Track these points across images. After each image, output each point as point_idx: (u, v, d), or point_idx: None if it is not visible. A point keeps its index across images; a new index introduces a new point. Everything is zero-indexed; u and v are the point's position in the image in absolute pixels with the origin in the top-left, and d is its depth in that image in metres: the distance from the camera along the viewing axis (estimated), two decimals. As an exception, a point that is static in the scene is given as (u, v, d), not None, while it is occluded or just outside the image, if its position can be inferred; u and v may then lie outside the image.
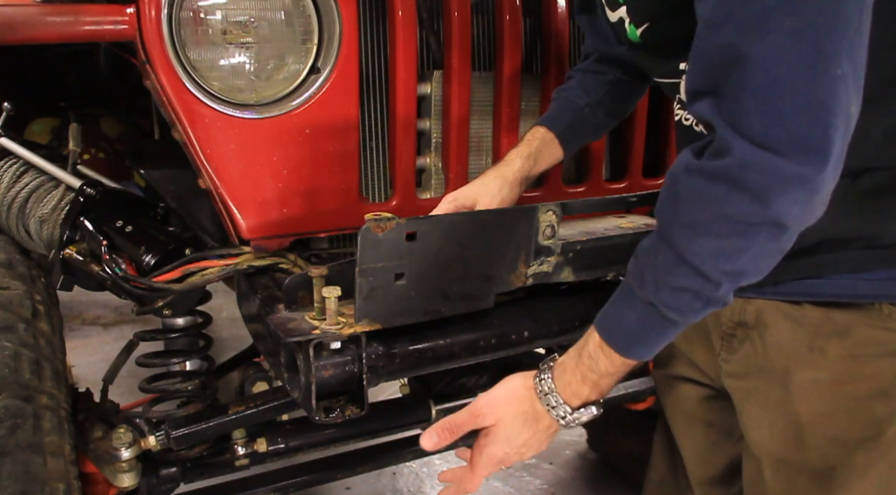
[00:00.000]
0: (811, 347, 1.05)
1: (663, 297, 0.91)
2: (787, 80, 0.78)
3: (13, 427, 1.23)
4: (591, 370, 1.01)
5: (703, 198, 0.85)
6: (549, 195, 1.64)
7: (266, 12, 1.30)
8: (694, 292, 0.89)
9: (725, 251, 0.85)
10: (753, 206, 0.81)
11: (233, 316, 1.79)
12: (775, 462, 1.11)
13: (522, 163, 1.36)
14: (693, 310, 0.91)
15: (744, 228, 0.83)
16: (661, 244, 0.90)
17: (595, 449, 2.86)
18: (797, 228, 0.85)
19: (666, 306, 0.91)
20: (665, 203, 0.90)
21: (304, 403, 1.17)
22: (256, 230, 1.38)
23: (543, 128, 1.40)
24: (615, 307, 0.99)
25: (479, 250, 1.18)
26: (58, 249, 1.49)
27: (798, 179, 0.80)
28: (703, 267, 0.87)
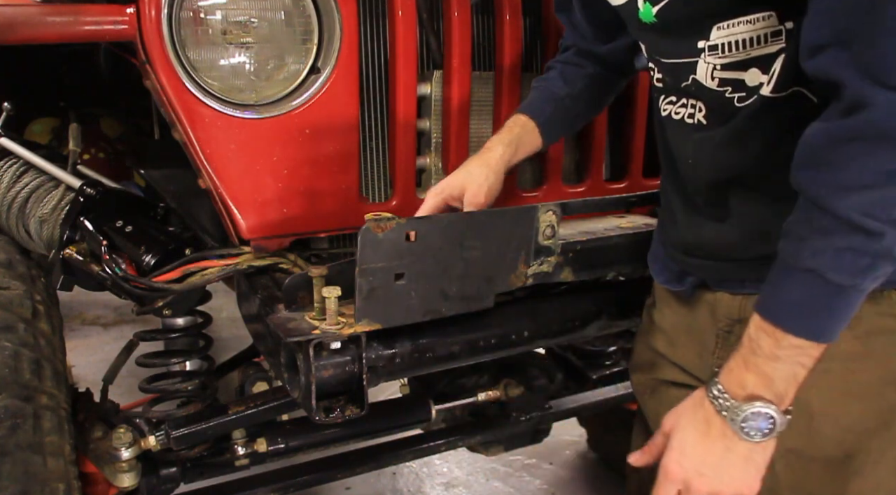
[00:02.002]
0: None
1: (825, 260, 0.86)
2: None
3: (13, 427, 1.23)
4: (753, 353, 0.93)
5: (851, 158, 0.83)
6: (549, 195, 1.64)
7: (266, 12, 1.30)
8: (856, 250, 0.85)
9: (886, 202, 0.83)
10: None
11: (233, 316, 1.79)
12: (785, 453, 1.09)
13: (504, 149, 1.35)
14: (859, 270, 0.86)
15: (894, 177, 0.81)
16: (812, 212, 0.87)
17: (595, 449, 2.86)
18: None
19: (829, 269, 0.86)
20: (808, 170, 0.88)
21: (304, 403, 1.17)
22: (256, 230, 1.38)
23: (524, 116, 1.39)
24: (772, 284, 0.92)
25: (479, 250, 1.18)
26: (58, 249, 1.49)
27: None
28: (863, 222, 0.84)
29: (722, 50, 0.99)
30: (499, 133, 1.39)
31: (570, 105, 1.40)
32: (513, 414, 1.84)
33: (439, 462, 2.81)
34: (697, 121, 1.10)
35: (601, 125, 1.68)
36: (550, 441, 2.10)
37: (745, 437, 0.95)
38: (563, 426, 2.59)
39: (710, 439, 0.97)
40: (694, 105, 1.10)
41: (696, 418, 0.99)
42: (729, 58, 0.99)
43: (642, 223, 1.46)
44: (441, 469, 2.79)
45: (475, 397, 1.82)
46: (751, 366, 0.93)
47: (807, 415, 1.07)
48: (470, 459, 2.80)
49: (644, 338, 1.39)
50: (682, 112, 1.13)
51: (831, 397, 1.05)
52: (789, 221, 0.91)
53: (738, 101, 1.02)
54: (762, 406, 0.93)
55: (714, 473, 0.97)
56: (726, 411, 0.95)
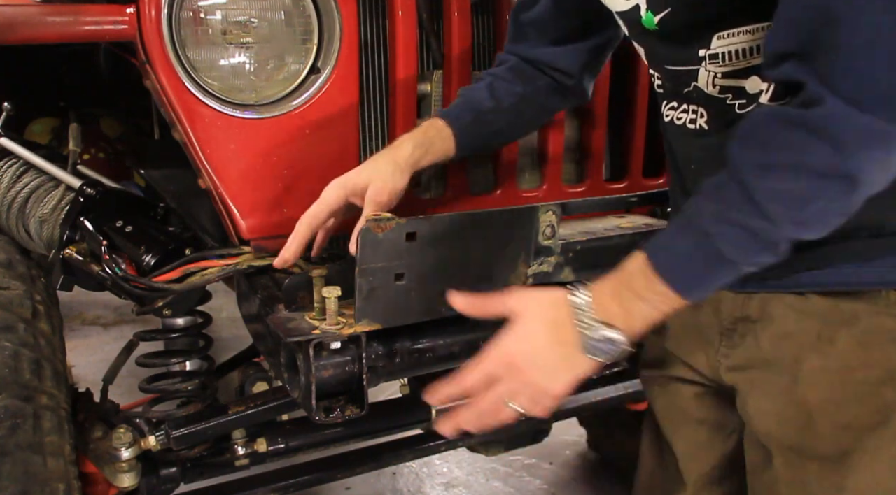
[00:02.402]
0: (819, 336, 1.06)
1: (722, 229, 0.89)
2: (876, 40, 0.80)
3: (13, 427, 1.23)
4: (625, 286, 0.96)
5: (784, 141, 0.86)
6: (549, 195, 1.64)
7: (266, 12, 1.30)
8: (753, 232, 0.88)
9: (795, 196, 0.86)
10: (833, 157, 0.83)
11: (233, 316, 1.79)
12: (784, 450, 1.12)
13: (413, 149, 1.29)
14: (746, 252, 0.90)
15: (818, 177, 0.84)
16: (730, 182, 0.89)
17: (595, 449, 2.86)
18: (868, 188, 0.86)
19: (722, 238, 0.90)
20: (741, 143, 0.90)
21: (304, 403, 1.17)
22: (256, 230, 1.38)
23: (442, 122, 1.34)
24: (667, 232, 0.96)
25: (479, 250, 1.18)
26: (58, 249, 1.49)
27: (882, 136, 0.82)
28: (769, 207, 0.86)
29: (722, 59, 1.00)
30: (412, 132, 1.33)
31: (491, 120, 1.36)
32: (513, 414, 1.84)
33: (439, 462, 2.81)
34: (699, 126, 1.11)
35: (601, 125, 1.68)
36: (550, 441, 2.10)
37: (586, 353, 0.98)
38: (563, 426, 2.59)
39: (556, 341, 0.98)
40: (696, 110, 1.11)
41: (549, 316, 0.99)
42: (729, 66, 1.00)
43: (642, 223, 1.47)
44: (441, 469, 2.79)
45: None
46: (617, 297, 0.96)
47: (805, 413, 1.08)
48: (470, 459, 2.80)
49: (653, 335, 1.39)
50: (684, 117, 1.14)
51: (829, 395, 1.06)
52: (708, 182, 0.93)
53: (739, 107, 1.03)
54: (614, 333, 0.96)
55: (544, 368, 0.99)
56: (581, 325, 0.97)
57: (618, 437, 2.69)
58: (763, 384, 1.14)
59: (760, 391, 1.14)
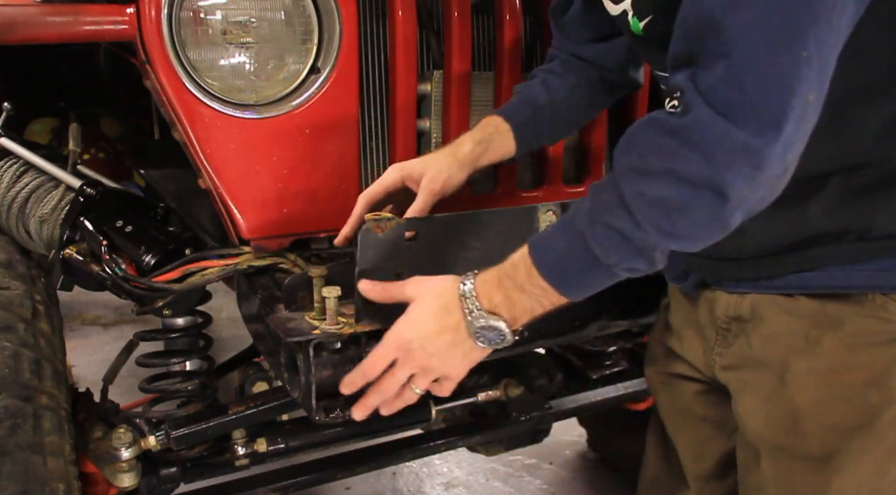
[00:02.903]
0: (807, 338, 1.07)
1: (595, 231, 0.91)
2: (753, 53, 0.80)
3: (13, 427, 1.23)
4: (508, 276, 0.99)
5: (657, 148, 0.86)
6: (549, 195, 1.64)
7: (266, 12, 1.31)
8: (624, 235, 0.89)
9: (664, 205, 0.86)
10: (701, 168, 0.83)
11: (233, 316, 1.79)
12: (772, 450, 1.13)
13: (473, 147, 1.32)
14: (618, 254, 0.91)
15: (687, 188, 0.84)
16: (608, 183, 0.91)
17: (595, 449, 2.86)
18: (739, 204, 0.85)
19: (594, 239, 0.91)
20: (621, 146, 0.91)
21: (304, 403, 1.17)
22: (256, 230, 1.38)
23: (499, 119, 1.36)
24: (552, 229, 0.98)
25: (479, 250, 1.18)
26: (58, 249, 1.49)
27: (747, 150, 0.81)
28: (638, 213, 0.87)
29: None
30: (471, 131, 1.36)
31: (548, 114, 1.38)
32: (513, 414, 1.84)
33: (439, 462, 2.81)
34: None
35: (601, 125, 1.68)
36: (550, 441, 2.10)
37: (474, 340, 1.02)
38: (563, 426, 2.59)
39: (444, 327, 1.02)
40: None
41: (439, 303, 1.03)
42: None
43: (642, 223, 1.46)
44: (441, 469, 2.79)
45: (475, 397, 1.82)
46: (502, 288, 0.99)
47: (791, 414, 1.09)
48: (470, 459, 2.80)
49: (657, 333, 1.41)
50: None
51: (816, 397, 1.07)
52: (593, 184, 0.95)
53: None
54: (498, 322, 1.00)
55: (436, 353, 1.04)
56: (469, 314, 1.01)
57: (618, 437, 2.69)
58: (753, 384, 1.15)
59: (750, 391, 1.15)
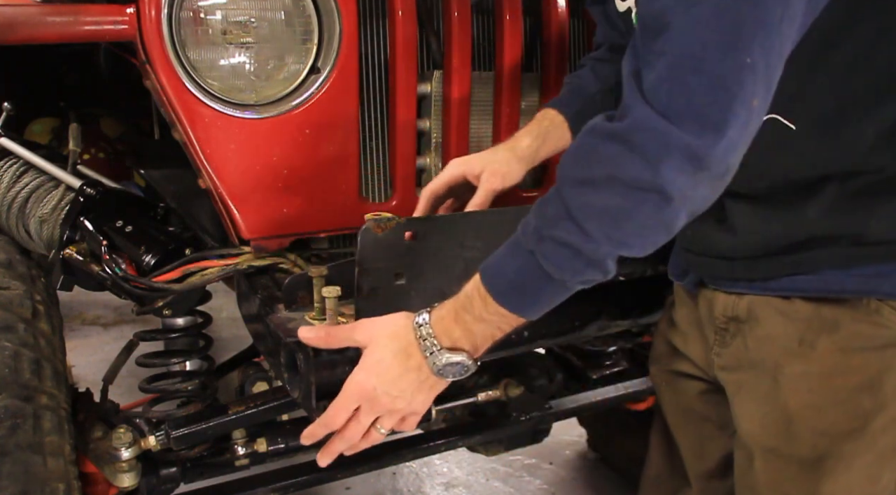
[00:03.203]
0: (801, 341, 1.07)
1: (544, 249, 0.90)
2: (698, 54, 0.80)
3: (13, 427, 1.23)
4: (465, 309, 0.98)
5: (598, 156, 0.85)
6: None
7: (266, 12, 1.30)
8: (574, 249, 0.88)
9: (611, 213, 0.85)
10: (643, 171, 0.82)
11: (233, 316, 1.79)
12: (765, 452, 1.13)
13: (531, 141, 1.35)
14: (572, 269, 0.90)
15: (632, 193, 0.83)
16: (553, 197, 0.90)
17: (595, 449, 2.86)
18: (683, 204, 0.84)
19: (544, 257, 0.90)
20: (565, 158, 0.90)
21: (304, 403, 1.17)
22: (256, 230, 1.38)
23: (553, 111, 1.38)
24: (500, 254, 0.97)
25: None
26: (58, 249, 1.49)
27: (687, 149, 0.80)
28: (586, 224, 0.86)
29: None
30: (527, 125, 1.38)
31: (599, 101, 1.38)
32: (513, 414, 1.84)
33: (439, 462, 2.81)
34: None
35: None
36: (550, 441, 2.10)
37: (439, 376, 1.02)
38: (563, 426, 2.59)
39: (406, 369, 1.02)
40: None
41: (397, 347, 1.02)
42: None
43: (642, 223, 1.46)
44: (441, 469, 2.79)
45: (475, 397, 1.82)
46: (459, 321, 0.99)
47: (784, 417, 1.09)
48: (470, 459, 2.80)
49: (662, 330, 1.41)
50: None
51: (808, 400, 1.07)
52: (538, 200, 0.93)
53: None
54: (460, 356, 1.00)
55: (400, 395, 1.03)
56: (429, 353, 1.00)
57: (618, 437, 2.69)
58: (748, 386, 1.15)
59: (745, 392, 1.15)
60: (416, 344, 1.01)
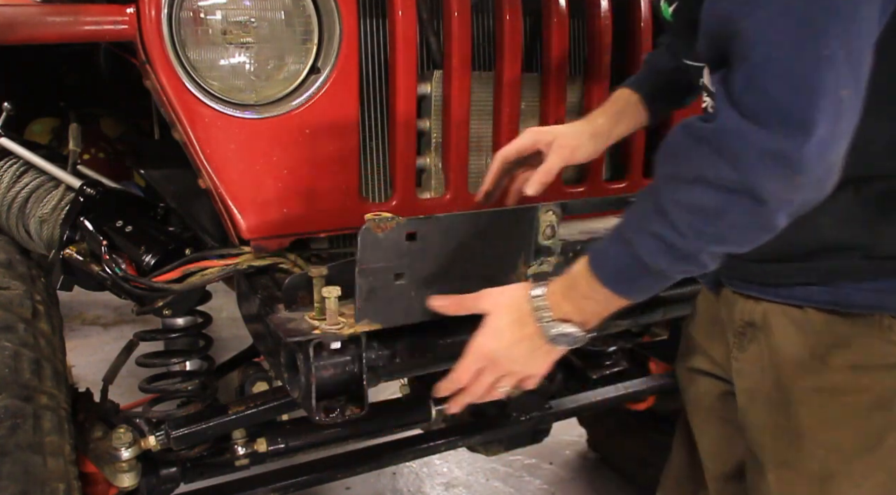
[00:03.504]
0: (813, 355, 1.06)
1: (640, 239, 0.93)
2: (773, 56, 0.79)
3: (13, 427, 1.23)
4: (572, 288, 1.02)
5: (688, 155, 0.87)
6: (549, 195, 1.64)
7: (266, 12, 1.30)
8: (667, 243, 0.90)
9: (703, 211, 0.86)
10: (730, 173, 0.83)
11: (233, 316, 1.79)
12: (777, 464, 1.12)
13: (605, 120, 1.37)
14: (665, 260, 0.92)
15: (721, 193, 0.84)
16: (650, 191, 0.92)
17: (595, 449, 2.86)
18: (781, 206, 0.84)
19: (639, 246, 0.93)
20: (660, 154, 0.92)
21: (304, 403, 1.17)
22: (256, 230, 1.38)
23: (628, 90, 1.40)
24: (607, 238, 1.00)
25: (479, 250, 1.18)
26: (58, 249, 1.49)
27: (777, 154, 0.80)
28: (677, 220, 0.88)
29: None
30: (603, 105, 1.41)
31: (675, 78, 1.37)
32: (513, 414, 1.84)
33: (439, 462, 2.81)
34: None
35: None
36: (550, 441, 2.10)
37: (551, 344, 1.06)
38: (563, 426, 2.59)
39: (521, 335, 1.07)
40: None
41: (513, 315, 1.07)
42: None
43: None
44: (441, 469, 2.79)
45: (475, 397, 1.82)
46: (568, 298, 1.03)
47: (796, 432, 1.09)
48: (470, 459, 2.80)
49: (689, 327, 1.41)
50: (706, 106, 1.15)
51: (819, 416, 1.07)
52: (641, 190, 0.96)
53: None
54: (571, 327, 1.04)
55: (519, 359, 1.09)
56: (542, 323, 1.05)
57: (617, 437, 2.69)
58: (760, 396, 1.14)
59: (758, 403, 1.15)
60: (531, 314, 1.05)
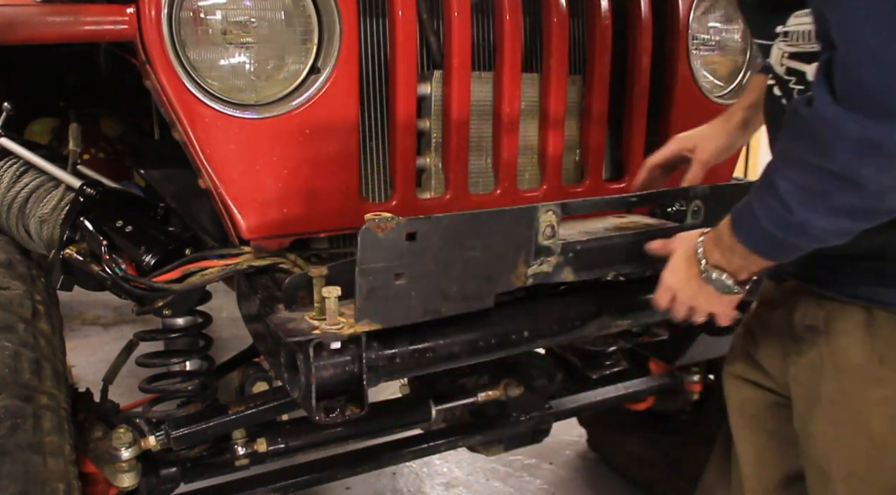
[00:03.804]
0: (882, 361, 1.05)
1: (759, 206, 0.97)
2: (866, 43, 0.80)
3: (13, 427, 1.23)
4: (720, 240, 1.09)
5: (795, 136, 0.90)
6: (549, 195, 1.64)
7: (266, 12, 1.30)
8: (778, 215, 0.94)
9: (807, 189, 0.90)
10: (827, 160, 0.86)
11: (233, 316, 1.79)
12: (847, 477, 1.10)
13: (743, 113, 1.42)
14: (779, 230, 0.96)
15: (822, 176, 0.87)
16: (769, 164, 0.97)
17: (595, 449, 2.86)
18: (885, 190, 0.86)
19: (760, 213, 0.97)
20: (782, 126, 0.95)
21: (304, 403, 1.17)
22: (256, 230, 1.38)
23: (763, 76, 1.37)
24: (749, 199, 1.03)
25: (479, 250, 1.18)
26: (58, 249, 1.49)
27: (868, 140, 0.82)
28: (785, 195, 0.92)
29: (793, 38, 1.01)
30: (742, 95, 1.46)
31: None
32: (513, 414, 1.84)
33: (439, 462, 2.81)
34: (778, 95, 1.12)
35: (601, 125, 1.68)
36: (550, 441, 2.10)
37: (709, 287, 1.13)
38: (563, 426, 2.59)
39: (689, 274, 1.16)
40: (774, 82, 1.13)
41: (686, 256, 1.16)
42: (797, 47, 1.01)
43: (642, 223, 1.46)
44: (441, 469, 2.79)
45: (475, 397, 1.82)
46: (717, 246, 1.10)
47: (868, 442, 1.06)
48: (470, 459, 2.80)
49: (740, 333, 1.41)
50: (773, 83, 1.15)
51: (892, 427, 1.05)
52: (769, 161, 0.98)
53: (798, 93, 1.04)
54: (721, 274, 1.11)
55: (693, 295, 1.17)
56: (701, 265, 1.13)
57: (618, 437, 2.69)
58: (823, 406, 1.12)
59: (821, 413, 1.12)
60: (694, 256, 1.14)
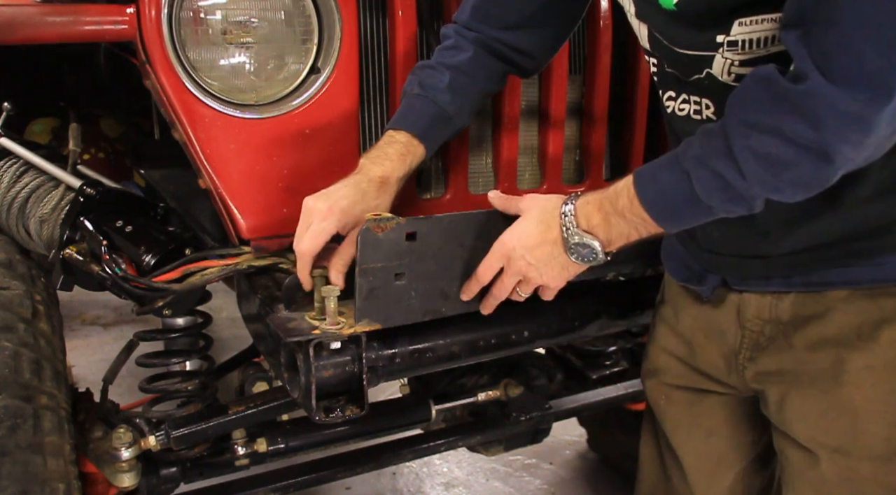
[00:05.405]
0: (860, 334, 1.05)
1: (700, 174, 0.94)
2: (873, 19, 0.80)
3: (13, 427, 1.23)
4: (610, 202, 1.04)
5: (768, 108, 0.88)
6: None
7: (266, 12, 1.31)
8: (727, 183, 0.92)
9: (770, 161, 0.89)
10: (809, 132, 0.85)
11: (233, 316, 1.79)
12: (832, 452, 1.10)
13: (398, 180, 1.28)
14: (719, 198, 0.94)
15: (794, 147, 0.87)
16: (719, 130, 0.93)
17: (595, 449, 2.86)
18: (843, 165, 0.88)
19: (698, 181, 0.94)
20: (737, 96, 0.93)
21: (304, 403, 1.18)
22: (256, 230, 1.38)
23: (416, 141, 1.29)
24: (657, 164, 1.01)
25: (479, 250, 1.18)
26: (58, 249, 1.49)
27: (858, 118, 0.83)
28: (745, 165, 0.90)
29: (742, 46, 0.98)
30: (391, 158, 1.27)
31: (456, 123, 1.34)
32: (513, 414, 1.84)
33: (439, 462, 2.81)
34: (706, 117, 1.09)
35: (601, 125, 1.68)
36: (550, 441, 2.10)
37: (568, 254, 1.09)
38: (563, 426, 2.59)
39: (543, 240, 1.09)
40: (699, 102, 1.09)
41: (543, 218, 1.10)
42: (748, 54, 0.99)
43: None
44: (441, 469, 2.79)
45: (475, 397, 1.82)
46: (602, 211, 1.05)
47: (851, 414, 1.07)
48: (470, 459, 2.80)
49: (657, 342, 1.37)
50: (686, 108, 1.12)
51: (876, 394, 1.05)
52: (704, 128, 0.96)
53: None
54: (593, 241, 1.06)
55: (534, 263, 1.11)
56: (566, 230, 1.08)
57: (618, 437, 2.69)
58: (801, 387, 1.12)
59: (798, 394, 1.13)
60: (558, 219, 1.08)
